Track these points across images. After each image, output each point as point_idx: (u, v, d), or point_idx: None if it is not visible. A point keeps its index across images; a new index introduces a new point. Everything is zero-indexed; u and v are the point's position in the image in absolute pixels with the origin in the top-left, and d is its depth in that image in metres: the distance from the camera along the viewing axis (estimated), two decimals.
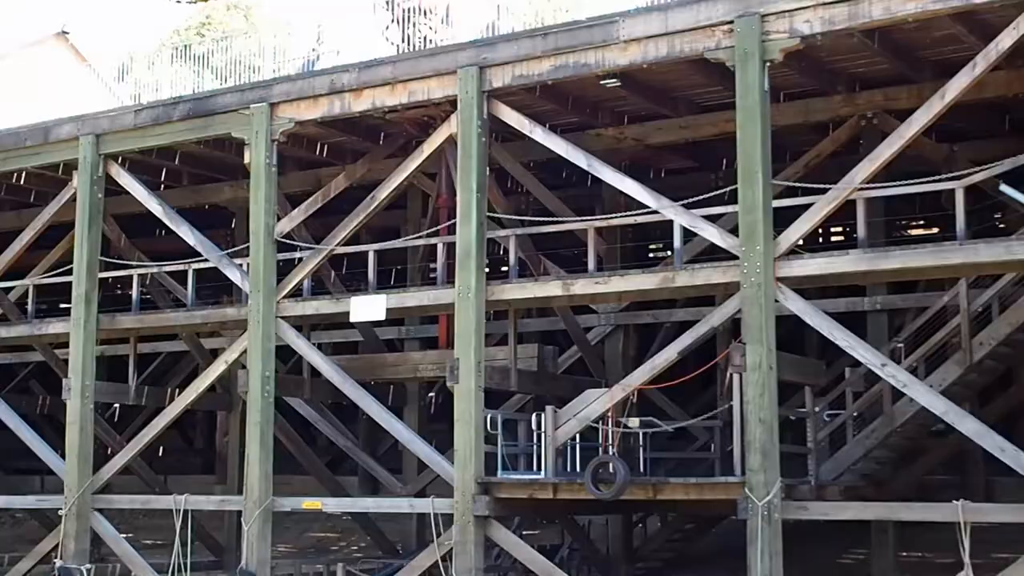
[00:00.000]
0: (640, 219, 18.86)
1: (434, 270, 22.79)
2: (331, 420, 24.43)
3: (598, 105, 20.83)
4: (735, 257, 16.74)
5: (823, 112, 20.18)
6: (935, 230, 25.66)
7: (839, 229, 28.24)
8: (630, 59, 17.58)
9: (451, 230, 19.82)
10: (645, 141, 21.54)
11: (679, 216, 17.50)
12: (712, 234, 17.16)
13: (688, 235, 17.91)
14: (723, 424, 19.29)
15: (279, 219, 20.58)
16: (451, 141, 18.99)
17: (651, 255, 28.62)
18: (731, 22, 16.67)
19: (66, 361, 23.02)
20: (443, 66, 18.82)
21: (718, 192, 17.74)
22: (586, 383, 20.86)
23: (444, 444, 20.28)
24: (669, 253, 27.79)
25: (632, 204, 20.61)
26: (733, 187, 16.98)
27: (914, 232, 26.79)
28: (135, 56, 37.89)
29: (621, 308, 22.73)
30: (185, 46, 35.43)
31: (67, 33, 37.85)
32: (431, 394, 24.52)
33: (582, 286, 18.10)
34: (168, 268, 23.29)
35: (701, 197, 17.72)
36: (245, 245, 21.09)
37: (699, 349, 17.88)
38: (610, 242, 21.75)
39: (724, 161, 23.40)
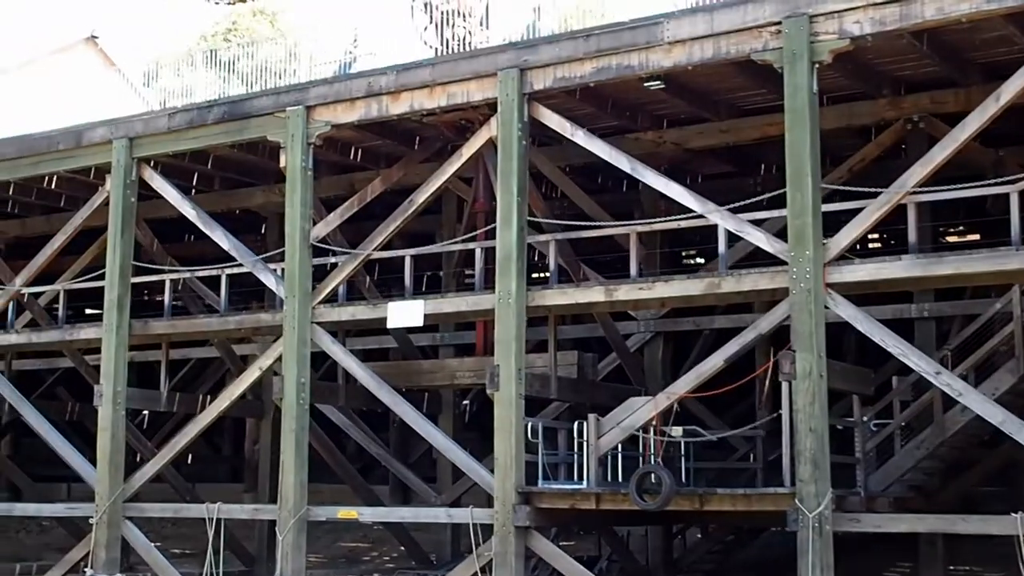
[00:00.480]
0: (684, 224, 18.43)
1: (469, 276, 22.57)
2: (362, 427, 24.12)
3: (637, 108, 20.52)
4: (781, 262, 16.43)
5: (868, 116, 19.85)
6: (976, 236, 25.31)
7: (875, 236, 27.83)
8: (674, 61, 17.27)
9: (489, 235, 19.54)
10: (685, 145, 21.22)
11: (725, 221, 17.15)
12: (759, 239, 16.81)
13: (731, 240, 17.56)
14: (764, 434, 19.00)
15: (314, 223, 20.30)
16: (490, 144, 18.71)
17: (684, 261, 28.22)
18: (779, 23, 16.39)
19: (96, 367, 22.80)
20: (483, 68, 18.56)
21: (761, 197, 17.46)
22: (625, 391, 20.52)
23: (476, 453, 19.96)
24: (701, 260, 27.76)
25: (671, 209, 20.30)
26: (775, 192, 16.70)
27: (950, 239, 26.42)
28: (162, 62, 37.73)
29: (661, 315, 22.36)
30: (212, 51, 35.28)
31: (96, 38, 37.81)
32: (466, 402, 24.18)
33: (625, 292, 17.77)
34: (201, 273, 22.97)
35: (748, 201, 17.39)
36: (279, 251, 20.84)
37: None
38: (649, 247, 21.40)
39: (763, 166, 23.11)
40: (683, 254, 28.28)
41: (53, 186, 24.61)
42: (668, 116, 20.85)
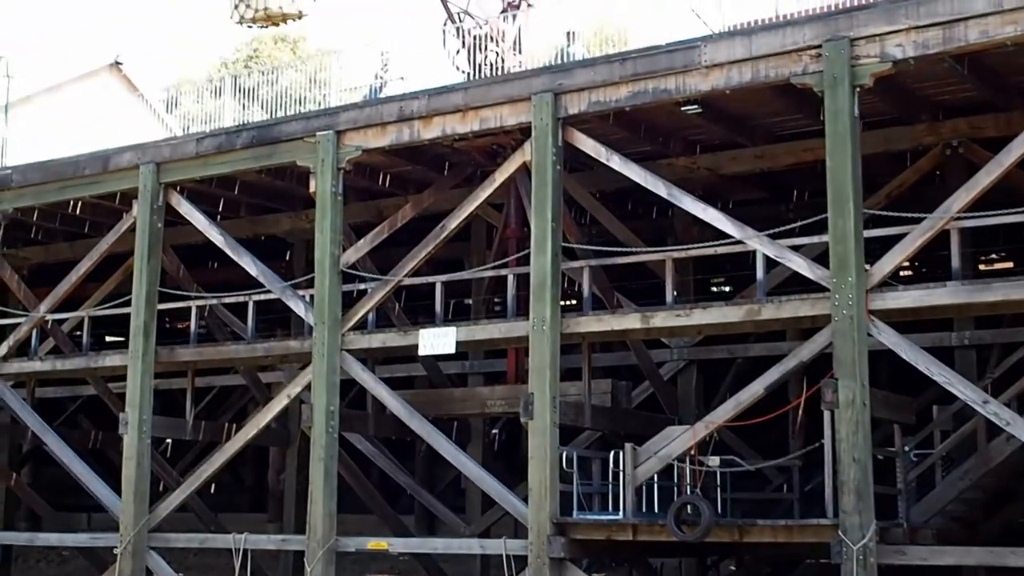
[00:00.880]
0: (721, 249, 18.14)
1: (498, 303, 22.27)
2: (389, 456, 23.81)
3: (671, 134, 20.28)
4: (818, 289, 16.17)
5: (905, 141, 19.54)
6: (1010, 264, 24.99)
7: (905, 263, 27.45)
8: (712, 84, 17.04)
9: (521, 261, 19.28)
10: (719, 171, 20.94)
11: (764, 247, 16.86)
12: (800, 265, 16.53)
13: (769, 267, 17.27)
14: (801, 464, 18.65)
15: (343, 249, 20.05)
16: (523, 169, 18.48)
17: (713, 288, 27.88)
18: (819, 46, 16.18)
19: (119, 395, 22.52)
20: (516, 92, 18.36)
21: (797, 224, 17.19)
22: (659, 420, 20.20)
23: (503, 482, 19.57)
24: (728, 288, 27.43)
25: (704, 235, 19.99)
26: (812, 219, 16.42)
27: (981, 267, 26.09)
28: (183, 88, 37.73)
29: (694, 343, 22.04)
30: (234, 77, 35.19)
31: (120, 64, 37.80)
32: (495, 430, 23.83)
33: (662, 319, 17.49)
34: (228, 299, 22.70)
35: (786, 228, 17.12)
36: (307, 277, 20.59)
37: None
38: (682, 274, 21.09)
39: (795, 192, 22.81)
40: (712, 281, 27.94)
41: (78, 212, 24.38)
42: (702, 141, 20.60)
